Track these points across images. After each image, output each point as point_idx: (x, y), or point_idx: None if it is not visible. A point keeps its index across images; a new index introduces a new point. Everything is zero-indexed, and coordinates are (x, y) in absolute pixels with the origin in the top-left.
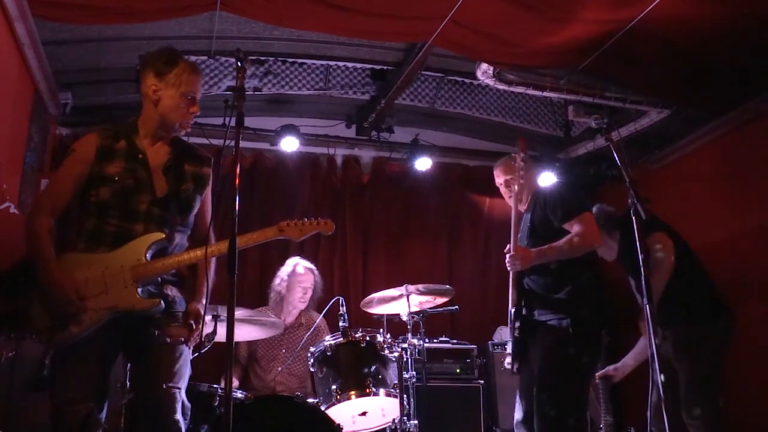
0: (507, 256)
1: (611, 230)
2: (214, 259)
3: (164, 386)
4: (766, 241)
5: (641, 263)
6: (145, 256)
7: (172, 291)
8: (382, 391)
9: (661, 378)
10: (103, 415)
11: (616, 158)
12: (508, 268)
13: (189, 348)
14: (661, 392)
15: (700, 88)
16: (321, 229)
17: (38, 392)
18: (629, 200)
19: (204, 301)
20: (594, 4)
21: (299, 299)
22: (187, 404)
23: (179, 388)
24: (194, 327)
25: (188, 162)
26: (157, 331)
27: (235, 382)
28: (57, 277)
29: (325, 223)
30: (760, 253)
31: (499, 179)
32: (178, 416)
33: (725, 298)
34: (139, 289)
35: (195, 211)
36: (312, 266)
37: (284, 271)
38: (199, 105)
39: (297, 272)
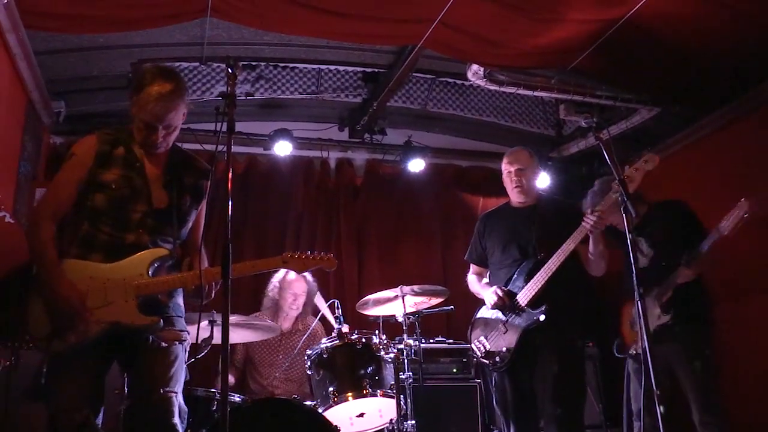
0: (595, 215)
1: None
2: (206, 259)
3: (161, 391)
4: (758, 239)
5: (632, 260)
6: (148, 272)
7: (164, 297)
8: (379, 392)
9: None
10: (100, 420)
11: (606, 157)
12: (593, 228)
13: (184, 349)
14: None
15: (690, 85)
16: (323, 265)
17: (36, 401)
18: (619, 198)
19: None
20: (581, 4)
21: (289, 305)
22: (184, 408)
23: (175, 392)
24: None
25: (187, 173)
26: (151, 336)
27: (231, 379)
28: (64, 288)
29: (328, 259)
30: (752, 251)
31: (517, 165)
32: (176, 420)
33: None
34: (139, 305)
35: (190, 223)
36: (305, 273)
37: (276, 277)
38: (170, 130)
39: (288, 279)
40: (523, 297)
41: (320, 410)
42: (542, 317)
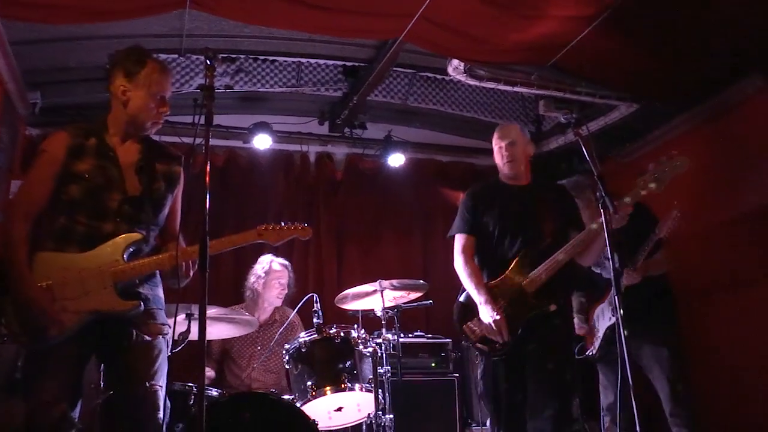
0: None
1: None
2: (184, 245)
3: (147, 384)
4: (736, 234)
5: (612, 257)
6: (123, 257)
7: (145, 289)
8: (357, 386)
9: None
10: (76, 414)
11: (585, 153)
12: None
13: (166, 342)
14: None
15: (669, 82)
16: (298, 234)
17: (11, 394)
18: (597, 194)
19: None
20: (562, 0)
21: (276, 296)
22: (167, 403)
23: (160, 386)
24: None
25: (159, 161)
26: (135, 330)
27: (210, 372)
28: (32, 291)
29: (303, 228)
30: (730, 246)
31: (508, 140)
32: (161, 414)
33: None
34: (118, 291)
35: (166, 210)
36: (286, 262)
37: (260, 269)
38: (170, 103)
39: (274, 269)
40: (530, 285)
41: (298, 404)
42: (553, 307)
